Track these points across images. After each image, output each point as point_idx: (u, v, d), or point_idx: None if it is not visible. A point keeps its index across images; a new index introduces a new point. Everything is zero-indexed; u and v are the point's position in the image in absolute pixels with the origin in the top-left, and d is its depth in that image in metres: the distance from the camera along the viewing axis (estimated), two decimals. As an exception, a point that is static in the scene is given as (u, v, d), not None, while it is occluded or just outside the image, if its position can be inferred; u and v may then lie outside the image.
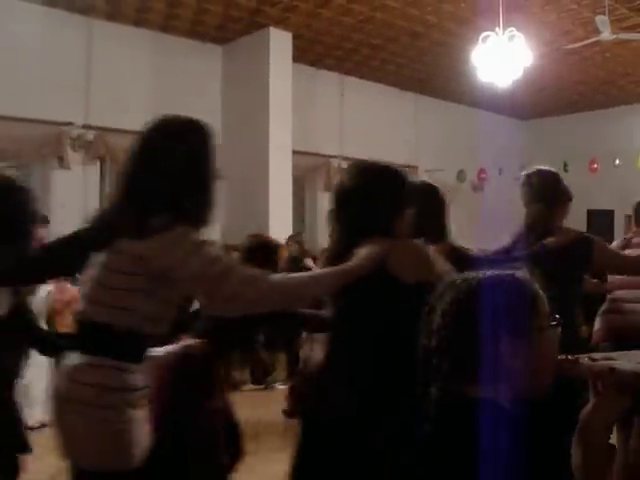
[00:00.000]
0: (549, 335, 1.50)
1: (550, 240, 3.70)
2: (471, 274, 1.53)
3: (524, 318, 1.44)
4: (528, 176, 4.03)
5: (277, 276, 2.34)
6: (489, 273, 1.52)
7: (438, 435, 1.43)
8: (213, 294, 2.21)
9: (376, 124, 12.56)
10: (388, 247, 2.31)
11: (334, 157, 12.09)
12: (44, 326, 5.26)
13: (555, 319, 1.50)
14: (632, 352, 2.03)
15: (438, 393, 1.48)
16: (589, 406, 1.56)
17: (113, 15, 9.29)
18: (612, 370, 1.56)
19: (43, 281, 4.24)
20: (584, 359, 1.69)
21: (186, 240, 2.19)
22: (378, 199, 2.52)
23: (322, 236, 11.31)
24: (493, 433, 1.31)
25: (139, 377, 2.25)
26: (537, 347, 1.45)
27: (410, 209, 2.59)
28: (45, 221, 6.26)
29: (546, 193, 3.92)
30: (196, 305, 3.17)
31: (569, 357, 1.64)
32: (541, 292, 1.52)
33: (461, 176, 13.18)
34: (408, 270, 2.30)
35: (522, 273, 1.54)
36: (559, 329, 1.50)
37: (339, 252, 2.45)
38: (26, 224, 2.98)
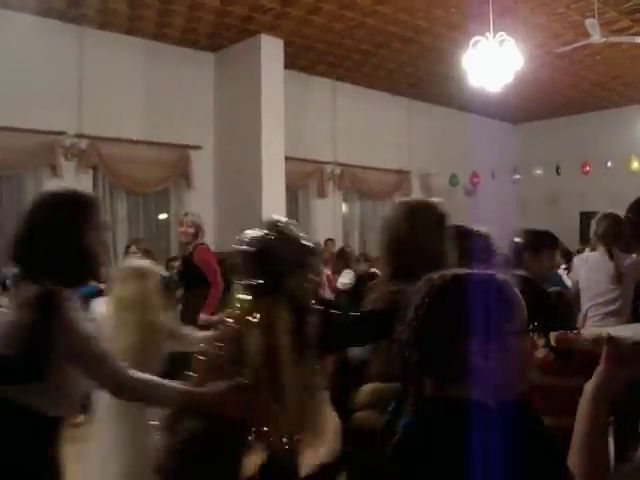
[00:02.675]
0: (524, 341, 1.49)
1: None
2: (450, 271, 1.53)
3: (498, 319, 1.43)
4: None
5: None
6: (470, 271, 1.52)
7: (411, 433, 1.43)
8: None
9: (369, 129, 12.59)
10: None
11: (327, 163, 12.11)
12: None
13: (532, 327, 1.49)
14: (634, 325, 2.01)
15: (411, 389, 1.48)
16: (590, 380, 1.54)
17: (105, 24, 9.29)
18: (611, 338, 1.55)
19: None
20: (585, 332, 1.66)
21: None
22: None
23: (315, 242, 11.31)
24: (468, 432, 1.31)
25: None
26: (511, 351, 1.44)
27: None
28: None
29: None
30: None
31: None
32: (521, 297, 1.52)
33: (454, 180, 13.23)
34: None
35: (504, 276, 1.53)
36: (534, 337, 1.50)
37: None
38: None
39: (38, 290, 2.19)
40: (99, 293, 4.84)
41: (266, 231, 2.65)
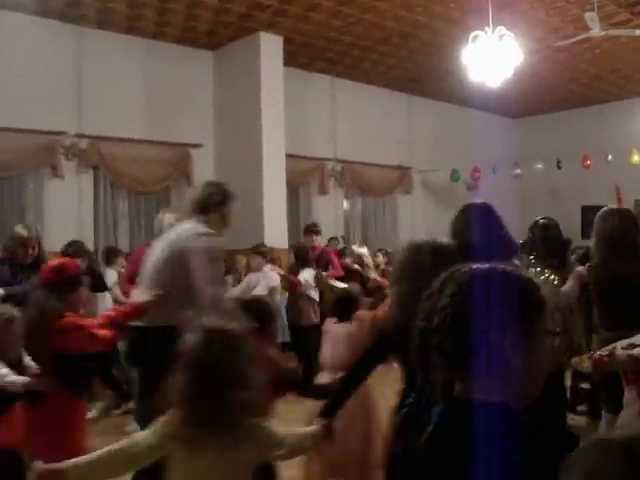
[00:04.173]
0: (548, 342, 1.49)
1: None
2: (486, 264, 1.53)
3: (530, 317, 1.44)
4: None
5: None
6: (505, 267, 1.53)
7: (435, 431, 1.44)
8: None
9: (369, 126, 12.58)
10: None
11: (328, 160, 12.11)
12: None
13: (556, 330, 1.49)
14: None
15: (438, 381, 1.48)
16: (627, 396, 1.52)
17: (104, 23, 9.29)
18: None
19: None
20: (618, 349, 1.64)
21: None
22: None
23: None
24: (488, 432, 1.31)
25: None
26: (537, 350, 1.45)
27: None
28: None
29: None
30: None
31: (600, 353, 1.60)
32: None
33: (455, 175, 13.22)
34: None
35: (538, 279, 1.54)
36: (556, 340, 1.50)
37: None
38: None
39: None
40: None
41: None
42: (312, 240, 8.60)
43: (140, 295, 3.94)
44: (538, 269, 4.34)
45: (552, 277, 4.33)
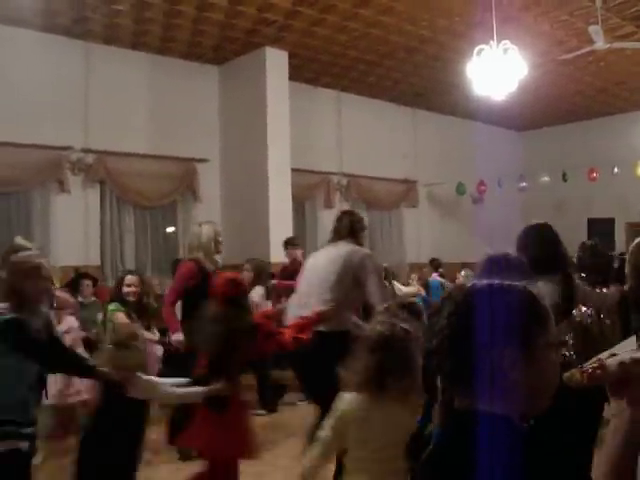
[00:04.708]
0: (553, 355, 1.47)
1: None
2: (484, 281, 1.52)
3: (527, 331, 1.42)
4: None
5: None
6: (503, 282, 1.51)
7: (443, 446, 1.43)
8: None
9: (374, 140, 12.61)
10: None
11: (334, 174, 12.13)
12: None
13: (562, 341, 1.47)
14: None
15: (442, 398, 1.47)
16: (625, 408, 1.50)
17: (110, 39, 9.35)
18: (637, 361, 1.50)
19: None
20: (604, 360, 1.60)
21: None
22: None
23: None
24: (490, 446, 1.30)
25: None
26: (539, 364, 1.42)
27: None
28: None
29: None
30: None
31: (589, 366, 1.57)
32: (550, 311, 1.50)
33: (461, 189, 13.23)
34: None
35: (535, 288, 1.52)
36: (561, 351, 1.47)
37: None
38: None
39: None
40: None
41: None
42: (292, 254, 8.52)
43: (316, 306, 4.55)
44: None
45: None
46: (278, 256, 9.08)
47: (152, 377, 3.79)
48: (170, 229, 10.56)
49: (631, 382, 1.46)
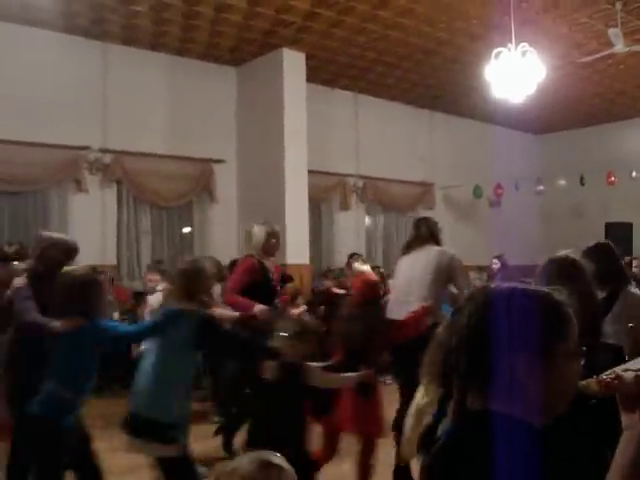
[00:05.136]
0: (573, 364, 1.45)
1: None
2: (507, 284, 1.51)
3: (547, 338, 1.40)
4: None
5: None
6: (527, 287, 1.50)
7: (451, 443, 1.42)
8: None
9: (391, 142, 12.59)
10: None
11: (350, 176, 12.12)
12: None
13: (583, 350, 1.45)
14: None
15: (455, 396, 1.47)
16: None
17: (129, 40, 9.40)
18: None
19: None
20: (618, 372, 1.58)
21: None
22: None
23: (338, 256, 11.29)
24: (506, 447, 1.29)
25: None
26: (557, 372, 1.41)
27: None
28: None
29: None
30: None
31: (605, 376, 1.55)
32: (574, 318, 1.47)
33: (477, 192, 13.16)
34: None
35: (559, 294, 1.50)
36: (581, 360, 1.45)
37: None
38: None
39: None
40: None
41: None
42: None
43: (417, 302, 5.13)
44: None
45: None
46: (294, 258, 9.08)
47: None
48: (186, 229, 10.60)
49: None
